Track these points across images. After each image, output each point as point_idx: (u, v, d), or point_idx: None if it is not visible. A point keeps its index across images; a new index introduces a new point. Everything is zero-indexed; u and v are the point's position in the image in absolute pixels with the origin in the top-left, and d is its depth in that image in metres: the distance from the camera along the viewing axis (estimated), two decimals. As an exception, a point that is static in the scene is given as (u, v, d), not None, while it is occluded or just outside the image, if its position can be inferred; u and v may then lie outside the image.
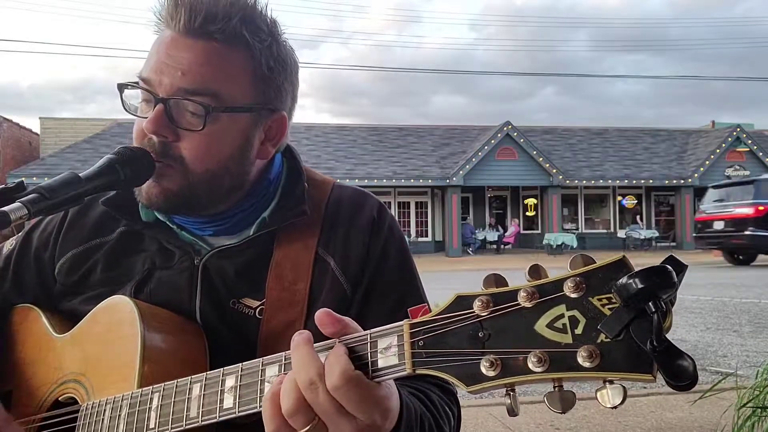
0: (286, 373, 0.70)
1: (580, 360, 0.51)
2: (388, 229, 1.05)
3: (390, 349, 0.64)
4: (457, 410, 0.96)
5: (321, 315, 0.67)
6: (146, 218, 1.02)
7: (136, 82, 0.93)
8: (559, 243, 22.70)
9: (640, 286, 0.47)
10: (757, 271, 16.27)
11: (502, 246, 25.46)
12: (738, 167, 25.49)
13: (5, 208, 0.75)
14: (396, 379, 0.71)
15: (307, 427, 0.65)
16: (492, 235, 25.72)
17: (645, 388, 5.26)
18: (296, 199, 1.02)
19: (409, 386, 0.86)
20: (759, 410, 2.94)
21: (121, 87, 0.95)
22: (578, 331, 0.52)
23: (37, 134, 27.50)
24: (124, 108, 0.96)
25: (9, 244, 1.15)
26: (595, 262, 0.54)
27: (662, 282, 0.47)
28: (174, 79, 0.89)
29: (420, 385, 0.90)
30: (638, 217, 27.20)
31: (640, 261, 0.60)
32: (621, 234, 26.44)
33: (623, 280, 0.48)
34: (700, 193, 26.71)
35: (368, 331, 0.67)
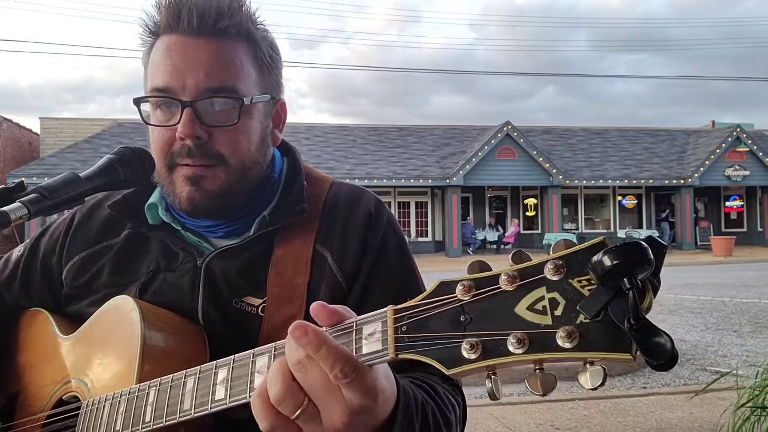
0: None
1: (559, 341, 0.50)
2: (386, 223, 1.05)
3: (374, 335, 0.64)
4: (461, 400, 0.96)
5: (316, 308, 0.67)
6: (152, 221, 1.03)
7: (153, 94, 0.93)
8: (559, 243, 22.68)
9: (614, 261, 0.47)
10: (757, 271, 16.27)
11: (502, 246, 25.45)
12: (738, 167, 25.47)
13: (5, 208, 0.76)
14: (397, 370, 0.72)
15: (298, 412, 0.65)
16: (492, 235, 25.72)
17: (645, 387, 5.26)
18: (296, 197, 1.03)
19: (412, 378, 0.86)
20: (758, 410, 2.94)
21: (138, 101, 0.95)
22: (558, 312, 0.52)
23: (37, 134, 27.50)
24: (144, 121, 0.96)
25: (18, 251, 1.17)
26: (576, 245, 0.54)
27: (637, 258, 0.46)
28: (198, 80, 0.90)
29: (424, 376, 0.90)
30: (664, 215, 27.20)
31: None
32: (621, 234, 26.42)
33: (598, 256, 0.48)
34: (700, 193, 26.77)
35: (354, 318, 0.67)
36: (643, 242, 0.47)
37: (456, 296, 0.58)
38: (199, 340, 0.94)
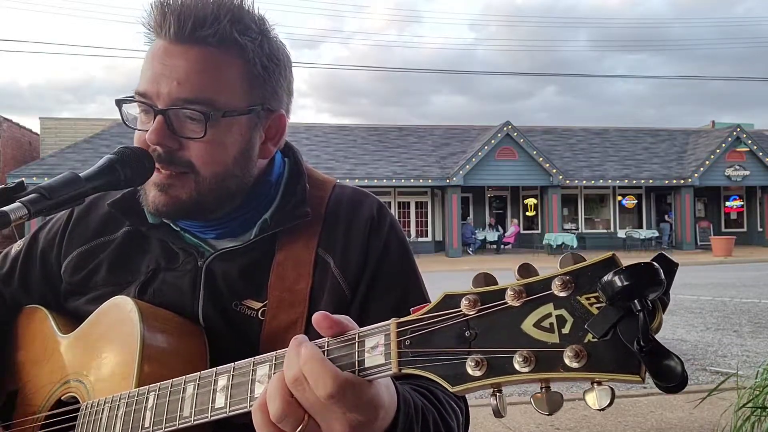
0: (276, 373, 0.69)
1: (566, 360, 0.49)
2: (389, 226, 1.05)
3: (377, 348, 0.63)
4: (465, 406, 0.95)
5: (318, 318, 0.67)
6: (152, 220, 1.02)
7: (132, 97, 0.93)
8: (559, 243, 22.67)
9: (625, 283, 0.45)
10: (757, 271, 16.27)
11: (502, 246, 25.43)
12: (738, 167, 25.44)
13: (5, 208, 0.75)
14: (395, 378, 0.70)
15: (299, 429, 0.64)
16: (492, 235, 25.69)
17: (645, 388, 5.25)
18: (298, 200, 1.02)
19: (412, 383, 0.86)
20: (758, 410, 2.93)
21: (119, 102, 0.95)
22: (565, 330, 0.51)
23: (37, 134, 27.47)
24: (124, 122, 0.96)
25: (17, 246, 1.16)
26: (585, 260, 0.52)
27: (649, 280, 0.45)
28: (171, 88, 0.89)
29: (424, 382, 0.90)
30: (666, 215, 27.19)
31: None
32: (621, 234, 26.41)
33: (608, 277, 0.47)
34: (700, 193, 26.74)
35: (356, 330, 0.66)
36: (654, 263, 0.45)
37: (461, 311, 0.57)
38: (199, 342, 0.93)
